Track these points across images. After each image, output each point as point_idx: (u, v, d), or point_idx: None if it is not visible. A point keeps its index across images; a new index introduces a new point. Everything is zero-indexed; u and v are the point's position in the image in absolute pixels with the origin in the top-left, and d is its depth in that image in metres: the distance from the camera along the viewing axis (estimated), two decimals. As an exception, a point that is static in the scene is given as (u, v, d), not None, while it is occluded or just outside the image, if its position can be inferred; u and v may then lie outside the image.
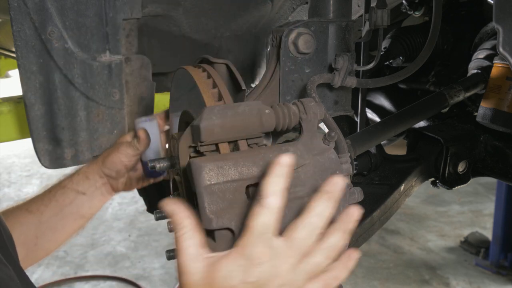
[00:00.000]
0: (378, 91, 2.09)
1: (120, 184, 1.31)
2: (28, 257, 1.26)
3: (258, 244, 0.67)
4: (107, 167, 1.26)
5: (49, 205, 1.25)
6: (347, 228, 0.73)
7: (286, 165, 0.68)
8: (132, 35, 1.42)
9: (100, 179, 1.28)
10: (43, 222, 1.25)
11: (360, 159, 1.43)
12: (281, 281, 0.69)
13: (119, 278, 4.38)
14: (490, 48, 1.59)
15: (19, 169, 7.24)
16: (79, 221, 1.31)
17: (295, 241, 0.69)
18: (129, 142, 1.26)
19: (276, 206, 0.67)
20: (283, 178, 0.67)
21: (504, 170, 1.58)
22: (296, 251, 0.69)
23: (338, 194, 0.71)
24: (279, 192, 0.67)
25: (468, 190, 5.92)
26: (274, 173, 0.67)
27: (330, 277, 0.74)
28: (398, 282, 4.18)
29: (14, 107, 2.05)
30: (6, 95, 2.21)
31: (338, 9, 1.22)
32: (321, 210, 0.70)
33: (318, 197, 0.70)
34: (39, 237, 1.25)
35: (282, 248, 0.69)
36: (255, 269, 0.67)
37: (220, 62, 1.03)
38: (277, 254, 0.68)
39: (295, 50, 1.16)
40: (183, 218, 0.71)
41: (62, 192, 1.26)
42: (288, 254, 0.69)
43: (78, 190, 1.27)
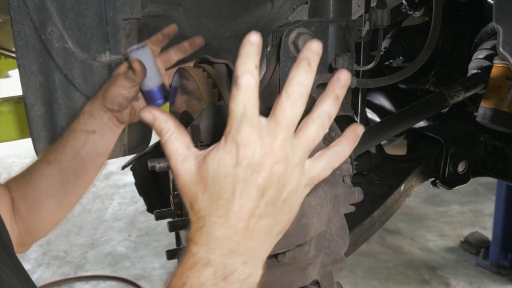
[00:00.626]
0: (378, 91, 2.09)
1: (125, 115, 1.30)
2: (61, 206, 1.28)
3: (242, 126, 0.64)
4: (108, 101, 1.24)
5: (64, 152, 1.25)
6: (337, 94, 0.68)
7: (255, 44, 0.64)
8: (132, 35, 1.42)
9: (104, 114, 1.27)
10: (64, 169, 1.25)
11: (360, 159, 1.44)
12: (276, 159, 0.65)
13: (119, 278, 4.38)
14: (490, 48, 1.59)
15: (19, 169, 7.21)
16: (98, 159, 1.30)
17: (281, 115, 0.65)
18: (124, 73, 1.23)
19: (251, 84, 0.64)
20: (254, 56, 0.64)
21: (504, 170, 1.58)
22: (285, 125, 0.65)
23: (316, 59, 0.66)
24: (253, 70, 0.64)
25: (468, 190, 5.92)
26: (244, 53, 0.64)
27: (334, 152, 0.70)
28: (398, 282, 4.18)
29: (14, 107, 2.05)
30: (6, 95, 2.21)
31: (338, 9, 1.22)
32: (301, 78, 0.65)
33: (296, 66, 0.66)
34: (65, 184, 1.27)
35: (269, 125, 0.65)
36: (245, 151, 0.64)
37: (220, 62, 1.03)
38: (264, 132, 0.65)
39: (295, 50, 1.16)
40: (165, 122, 0.68)
41: (73, 135, 1.26)
42: (276, 130, 0.65)
43: (87, 130, 1.26)
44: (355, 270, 4.31)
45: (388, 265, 4.45)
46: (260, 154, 0.64)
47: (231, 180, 0.65)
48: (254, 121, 0.64)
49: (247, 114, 0.64)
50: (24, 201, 1.23)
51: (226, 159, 0.65)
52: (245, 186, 0.65)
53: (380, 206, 1.38)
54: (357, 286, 4.13)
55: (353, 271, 4.30)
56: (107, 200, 6.02)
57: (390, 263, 4.48)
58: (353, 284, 4.13)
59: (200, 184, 0.66)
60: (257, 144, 0.64)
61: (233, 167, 0.64)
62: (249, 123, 0.64)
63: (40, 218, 1.26)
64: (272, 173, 0.65)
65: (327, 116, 0.67)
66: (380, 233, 4.85)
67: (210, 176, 0.65)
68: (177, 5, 1.55)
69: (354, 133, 0.71)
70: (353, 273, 4.27)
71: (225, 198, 0.65)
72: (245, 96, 0.63)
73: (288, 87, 0.66)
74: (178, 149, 0.68)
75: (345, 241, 0.92)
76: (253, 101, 0.64)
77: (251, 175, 0.64)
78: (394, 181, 1.47)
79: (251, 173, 0.64)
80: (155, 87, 1.26)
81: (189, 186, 0.67)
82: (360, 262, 4.43)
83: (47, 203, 1.25)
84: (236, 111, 0.64)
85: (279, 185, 0.66)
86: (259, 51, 0.64)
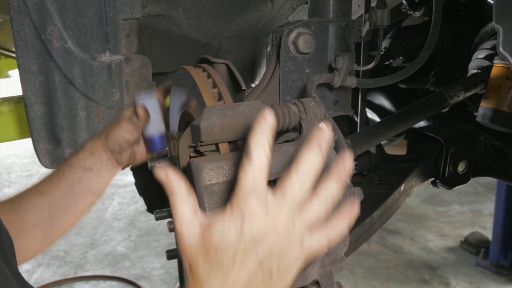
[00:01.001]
0: (378, 91, 2.09)
1: (124, 158, 1.31)
2: (45, 238, 1.27)
3: (249, 199, 0.66)
4: (110, 142, 1.26)
5: (58, 185, 1.26)
6: (341, 176, 0.72)
7: (269, 121, 0.67)
8: (132, 35, 1.42)
9: (104, 154, 1.28)
10: (54, 202, 1.25)
11: (360, 159, 1.44)
12: (278, 234, 0.68)
13: (119, 278, 4.38)
14: (490, 48, 1.59)
15: (19, 169, 7.24)
16: (90, 198, 1.31)
17: (288, 193, 0.68)
18: (129, 117, 1.25)
19: (263, 160, 0.67)
20: (268, 132, 0.67)
21: (504, 170, 1.58)
22: (290, 203, 0.68)
23: (327, 143, 0.70)
24: (265, 147, 0.67)
25: (468, 190, 5.92)
26: (258, 129, 0.67)
27: (331, 228, 0.73)
28: (398, 282, 4.18)
29: (14, 107, 2.05)
30: (6, 95, 2.21)
31: (338, 9, 1.22)
32: (311, 158, 0.69)
33: (308, 146, 0.69)
34: (53, 217, 1.26)
35: (276, 200, 0.68)
36: (250, 224, 0.66)
37: (220, 62, 1.03)
38: (270, 207, 0.68)
39: (295, 50, 1.16)
40: (177, 183, 0.71)
41: (70, 170, 1.27)
42: (282, 207, 0.68)
43: (85, 167, 1.27)
44: (355, 270, 4.31)
45: (388, 265, 4.45)
46: (264, 228, 0.67)
47: (233, 251, 0.67)
48: (261, 195, 0.67)
49: (256, 188, 0.67)
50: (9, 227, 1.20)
51: (230, 230, 0.67)
52: (245, 257, 0.67)
53: (380, 206, 1.38)
54: (357, 286, 4.13)
55: (353, 271, 4.30)
56: (107, 200, 6.02)
57: (390, 263, 4.48)
58: (353, 284, 4.13)
59: (202, 250, 0.69)
60: (262, 218, 0.67)
61: (236, 238, 0.67)
62: (257, 197, 0.67)
63: (22, 246, 1.23)
64: (273, 247, 0.68)
65: (331, 196, 0.71)
66: (380, 233, 4.85)
67: (213, 245, 0.68)
68: (177, 5, 1.55)
69: (351, 208, 0.75)
70: (353, 273, 4.27)
71: (225, 267, 0.67)
72: (256, 170, 0.66)
73: (299, 166, 0.69)
74: (185, 211, 0.70)
75: (345, 241, 0.92)
76: (263, 176, 0.67)
77: (252, 247, 0.67)
78: (394, 181, 1.47)
79: (253, 245, 0.67)
80: (156, 134, 1.28)
81: (191, 250, 0.69)
82: (360, 262, 4.43)
83: (32, 233, 1.24)
84: (246, 183, 0.66)
85: (278, 259, 0.69)
86: (273, 128, 0.68)
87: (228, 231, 0.67)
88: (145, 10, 1.49)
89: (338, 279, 0.95)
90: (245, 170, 0.66)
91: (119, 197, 6.12)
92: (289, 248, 0.69)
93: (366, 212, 1.36)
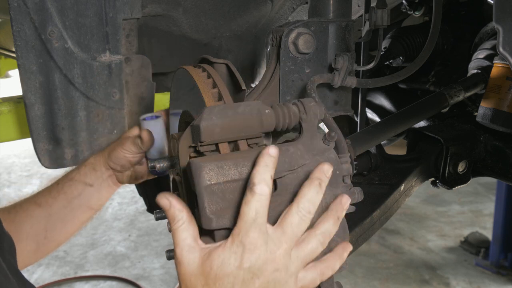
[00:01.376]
0: (378, 91, 2.09)
1: (125, 177, 1.32)
2: (39, 250, 1.27)
3: (251, 231, 0.68)
4: (112, 161, 1.27)
5: (57, 198, 1.26)
6: (339, 215, 0.76)
7: (273, 156, 0.71)
8: (132, 35, 1.42)
9: (106, 170, 1.29)
10: (52, 214, 1.25)
11: (360, 159, 1.43)
12: (276, 266, 0.70)
13: (119, 278, 4.38)
14: (490, 48, 1.59)
15: (19, 169, 7.24)
16: (88, 213, 1.32)
17: (288, 227, 0.71)
18: (133, 139, 1.26)
19: (265, 193, 0.69)
20: (271, 167, 0.70)
21: (504, 170, 1.58)
22: (290, 236, 0.71)
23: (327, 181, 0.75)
24: (268, 180, 0.70)
25: (468, 190, 5.92)
26: (262, 163, 0.70)
27: (325, 267, 0.76)
28: (398, 282, 4.18)
29: (14, 107, 2.05)
30: (6, 95, 2.21)
31: (338, 9, 1.22)
32: (312, 196, 0.72)
33: (308, 184, 0.73)
34: (49, 230, 1.26)
35: (276, 233, 0.70)
36: (250, 255, 0.68)
37: (220, 62, 1.03)
38: (270, 239, 0.70)
39: (295, 50, 1.16)
40: (178, 211, 0.73)
41: (70, 184, 1.27)
42: (281, 240, 0.70)
43: (86, 182, 1.27)
44: (355, 270, 4.31)
45: (388, 265, 4.45)
46: (263, 260, 0.69)
47: (232, 281, 0.69)
48: (262, 228, 0.69)
49: (257, 220, 0.69)
50: None
51: (230, 260, 0.69)
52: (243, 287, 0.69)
53: (380, 206, 1.38)
54: (357, 286, 4.13)
55: (353, 271, 4.30)
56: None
57: (390, 263, 4.48)
58: (353, 284, 4.13)
59: (201, 277, 0.70)
60: (262, 250, 0.69)
61: (236, 269, 0.69)
62: (258, 230, 0.69)
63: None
64: (270, 280, 0.70)
65: (328, 234, 0.75)
66: (380, 233, 4.85)
67: (213, 273, 0.69)
68: (177, 5, 1.55)
69: (343, 249, 0.79)
70: (353, 273, 4.27)
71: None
72: (258, 203, 0.69)
73: (300, 202, 0.72)
74: (186, 239, 0.72)
75: (345, 241, 0.92)
76: (265, 209, 0.69)
77: (251, 278, 0.69)
78: (394, 181, 1.47)
79: (251, 277, 0.69)
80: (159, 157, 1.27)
81: (190, 277, 0.71)
82: (360, 262, 4.43)
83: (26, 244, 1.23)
84: (248, 215, 0.69)
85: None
86: (275, 164, 0.72)
87: (228, 260, 0.69)
88: (145, 10, 1.49)
89: (338, 279, 0.95)
90: (248, 203, 0.69)
91: (119, 197, 6.12)
92: (285, 282, 0.71)
93: (366, 212, 1.36)
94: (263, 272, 0.69)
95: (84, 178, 1.27)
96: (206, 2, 1.59)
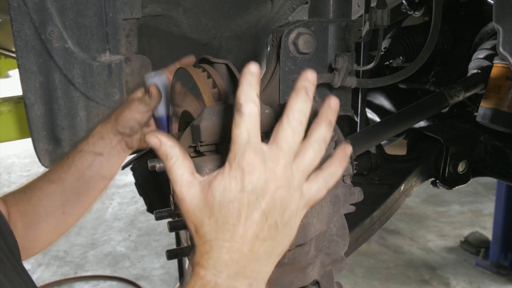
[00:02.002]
0: (378, 91, 2.09)
1: (135, 141, 1.30)
2: (59, 226, 1.27)
3: (246, 152, 0.66)
4: (120, 125, 1.25)
5: (69, 171, 1.25)
6: (330, 119, 0.72)
7: (255, 73, 0.67)
8: (132, 35, 1.42)
9: (114, 137, 1.27)
10: (66, 189, 1.25)
11: (360, 159, 1.44)
12: (278, 184, 0.68)
13: (119, 278, 4.38)
14: (490, 48, 1.59)
15: (19, 169, 7.24)
16: (101, 183, 1.30)
17: (283, 142, 0.68)
18: (140, 98, 1.24)
19: (254, 111, 0.66)
20: (255, 85, 0.67)
21: (504, 170, 1.58)
22: (286, 151, 0.68)
23: (313, 88, 0.70)
24: (255, 98, 0.67)
25: (468, 190, 5.92)
26: (245, 82, 0.67)
27: (327, 174, 0.74)
28: (398, 282, 4.19)
29: (14, 107, 2.05)
30: (6, 95, 2.21)
31: (338, 9, 1.22)
32: (300, 105, 0.68)
33: (295, 94, 0.69)
34: (66, 205, 1.26)
35: (271, 151, 0.68)
36: (250, 176, 0.67)
37: (220, 62, 1.03)
38: (267, 158, 0.68)
39: (295, 50, 1.16)
40: (170, 147, 0.70)
41: (80, 156, 1.25)
42: (278, 156, 0.68)
43: (95, 152, 1.26)
44: (355, 270, 4.31)
45: (388, 265, 4.45)
46: (264, 179, 0.67)
47: (237, 205, 0.67)
48: (257, 148, 0.67)
49: (250, 141, 0.66)
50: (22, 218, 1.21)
51: (231, 185, 0.67)
52: (250, 210, 0.67)
53: (380, 206, 1.38)
54: (357, 286, 4.13)
55: (353, 271, 4.30)
56: (107, 200, 6.02)
57: (390, 263, 4.48)
58: (353, 284, 4.13)
59: (206, 209, 0.68)
60: (261, 170, 0.67)
61: (238, 193, 0.67)
62: (253, 150, 0.67)
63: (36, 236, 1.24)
64: (275, 198, 0.68)
65: (323, 140, 0.71)
66: (380, 233, 4.85)
67: (216, 202, 0.68)
68: (177, 5, 1.55)
69: (343, 153, 0.75)
70: (353, 273, 4.27)
71: (231, 222, 0.67)
72: (248, 123, 0.66)
73: (289, 114, 0.69)
74: (183, 175, 0.70)
75: (345, 241, 0.92)
76: (256, 129, 0.67)
77: (256, 200, 0.67)
78: (394, 181, 1.47)
79: (256, 198, 0.67)
80: (168, 114, 1.27)
81: (194, 212, 0.69)
82: (360, 262, 4.43)
83: (46, 222, 1.24)
84: (240, 138, 0.66)
85: (281, 208, 0.69)
86: (259, 80, 0.68)
87: (229, 186, 0.67)
88: (145, 10, 1.49)
89: (338, 279, 0.95)
90: (238, 125, 0.66)
91: (119, 197, 6.13)
92: (291, 197, 0.69)
93: (366, 212, 1.36)
94: (267, 191, 0.67)
95: (93, 148, 1.26)
96: (206, 2, 1.59)
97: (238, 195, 0.67)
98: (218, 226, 0.68)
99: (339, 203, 0.89)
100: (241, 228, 0.67)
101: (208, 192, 0.68)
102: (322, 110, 0.72)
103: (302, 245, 0.86)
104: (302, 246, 0.86)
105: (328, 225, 0.89)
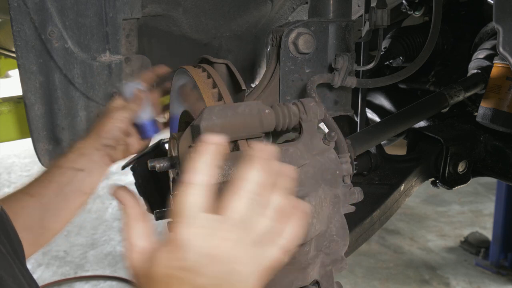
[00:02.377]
0: (378, 91, 2.09)
1: (119, 152, 1.30)
2: (36, 240, 1.26)
3: (186, 225, 0.63)
4: (104, 138, 1.24)
5: (48, 187, 1.24)
6: (283, 185, 0.69)
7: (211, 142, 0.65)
8: (132, 35, 1.42)
9: (97, 152, 1.26)
10: (45, 204, 1.24)
11: (360, 159, 1.44)
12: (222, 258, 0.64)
13: (119, 278, 4.38)
14: (490, 48, 1.59)
15: (19, 169, 7.24)
16: (81, 198, 1.29)
17: (231, 213, 0.64)
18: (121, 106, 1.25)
19: (196, 181, 0.64)
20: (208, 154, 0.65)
21: (504, 170, 1.58)
22: (235, 223, 0.64)
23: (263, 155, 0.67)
24: (203, 167, 0.64)
25: (468, 190, 5.92)
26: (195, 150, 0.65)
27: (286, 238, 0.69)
28: (398, 282, 4.18)
29: (14, 107, 2.05)
30: (6, 95, 2.21)
31: (338, 9, 1.22)
32: (249, 175, 0.66)
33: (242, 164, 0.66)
34: (44, 219, 1.25)
35: (217, 224, 0.64)
36: (190, 253, 0.63)
37: (220, 62, 1.03)
38: (212, 232, 0.64)
39: (295, 50, 1.16)
40: (129, 208, 0.73)
41: (60, 172, 1.25)
42: (226, 229, 0.64)
43: (76, 168, 1.25)
44: (355, 270, 4.31)
45: (388, 265, 4.45)
46: (208, 257, 0.64)
47: (165, 280, 0.65)
48: (200, 221, 0.64)
49: (192, 213, 0.64)
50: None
51: (170, 261, 0.65)
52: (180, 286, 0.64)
53: (380, 206, 1.38)
54: (357, 286, 4.13)
55: (353, 271, 4.30)
56: (107, 200, 6.02)
57: (390, 263, 4.48)
58: (353, 284, 4.13)
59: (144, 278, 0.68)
60: (204, 247, 0.64)
61: (177, 270, 0.64)
62: (194, 223, 0.64)
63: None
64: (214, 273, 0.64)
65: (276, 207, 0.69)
66: (380, 233, 4.85)
67: (154, 273, 0.67)
68: (177, 5, 1.55)
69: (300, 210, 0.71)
70: (353, 273, 4.27)
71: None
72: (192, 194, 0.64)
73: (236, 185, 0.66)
74: (131, 237, 0.72)
75: (345, 241, 0.92)
76: (199, 199, 0.64)
77: (187, 276, 0.64)
78: (394, 181, 1.47)
79: (187, 274, 0.64)
80: (148, 120, 1.28)
81: (136, 276, 0.70)
82: (360, 262, 4.43)
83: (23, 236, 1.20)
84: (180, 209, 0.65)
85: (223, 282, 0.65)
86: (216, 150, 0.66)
87: (167, 262, 0.65)
88: (145, 10, 1.49)
89: (338, 279, 0.95)
90: (178, 194, 0.65)
91: (119, 197, 6.12)
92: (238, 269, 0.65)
93: (366, 212, 1.36)
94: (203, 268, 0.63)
95: (72, 164, 1.25)
96: (206, 2, 1.59)
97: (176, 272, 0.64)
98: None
99: (339, 203, 0.89)
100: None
101: (147, 263, 0.68)
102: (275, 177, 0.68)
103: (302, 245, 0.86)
104: (302, 246, 0.86)
105: (328, 225, 0.89)
